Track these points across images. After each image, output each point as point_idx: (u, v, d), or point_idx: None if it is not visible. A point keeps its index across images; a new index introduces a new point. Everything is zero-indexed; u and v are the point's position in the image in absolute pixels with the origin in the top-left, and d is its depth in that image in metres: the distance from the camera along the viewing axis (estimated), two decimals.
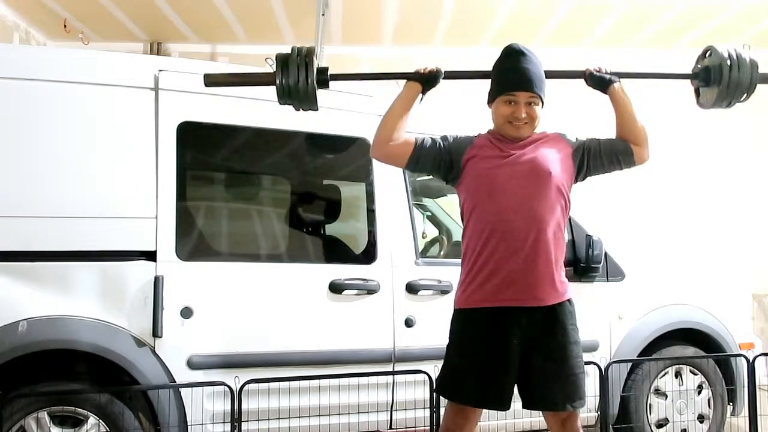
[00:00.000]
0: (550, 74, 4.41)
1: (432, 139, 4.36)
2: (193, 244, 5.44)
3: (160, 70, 5.28)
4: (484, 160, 4.24)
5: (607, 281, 6.35)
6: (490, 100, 4.39)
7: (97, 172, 5.03)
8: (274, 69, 4.42)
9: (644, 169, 4.54)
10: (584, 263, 6.11)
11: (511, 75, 4.29)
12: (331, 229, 6.46)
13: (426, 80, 4.38)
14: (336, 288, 5.49)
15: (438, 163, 4.35)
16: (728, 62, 4.53)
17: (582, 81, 4.56)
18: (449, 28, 10.83)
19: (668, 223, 10.93)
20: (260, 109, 5.48)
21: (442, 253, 7.35)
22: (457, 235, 7.10)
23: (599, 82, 4.48)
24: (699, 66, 4.75)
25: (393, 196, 5.83)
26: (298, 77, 4.34)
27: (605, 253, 6.23)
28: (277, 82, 4.40)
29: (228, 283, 5.29)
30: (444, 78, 4.44)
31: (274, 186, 6.54)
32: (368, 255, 5.74)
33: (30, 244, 4.81)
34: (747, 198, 11.37)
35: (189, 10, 10.26)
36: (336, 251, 6.22)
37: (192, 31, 11.14)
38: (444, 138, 4.38)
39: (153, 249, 5.06)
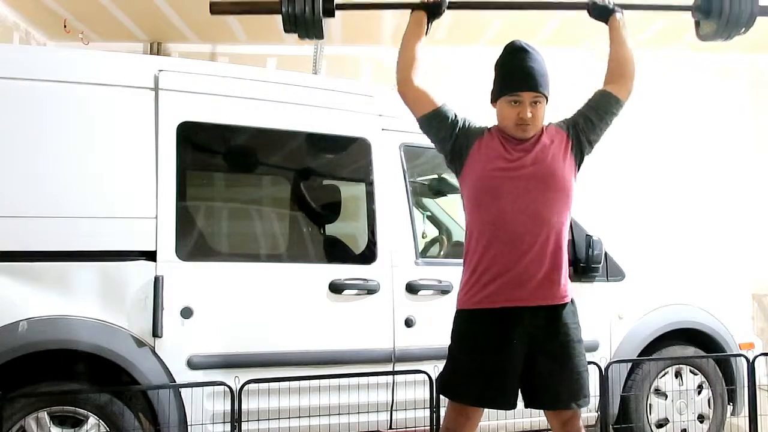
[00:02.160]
0: (552, 5, 4.46)
1: (456, 114, 4.35)
2: (193, 244, 5.44)
3: (160, 70, 5.28)
4: (489, 159, 4.23)
5: (607, 281, 6.35)
6: (494, 100, 4.36)
7: (97, 172, 5.03)
8: None
9: (644, 169, 4.54)
10: (584, 263, 6.10)
11: (515, 75, 4.25)
12: (331, 229, 6.45)
13: (431, 7, 4.47)
14: (336, 288, 5.49)
15: (449, 137, 4.33)
16: None
17: (582, 80, 4.57)
18: (449, 28, 10.82)
19: (668, 223, 10.92)
20: (260, 109, 5.48)
21: (442, 253, 7.34)
22: (457, 235, 7.11)
23: (602, 11, 4.57)
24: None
25: (393, 196, 5.82)
26: (304, 5, 4.39)
27: (605, 253, 6.23)
28: (283, 10, 4.45)
29: (228, 283, 5.28)
30: (448, 8, 4.53)
31: (274, 186, 6.55)
32: (368, 255, 5.74)
33: (30, 244, 4.81)
34: (747, 198, 11.37)
35: (189, 10, 10.24)
36: (336, 251, 6.22)
37: (192, 31, 11.12)
38: (464, 120, 4.37)
39: (153, 249, 5.06)
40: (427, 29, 4.48)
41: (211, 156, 5.83)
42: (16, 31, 10.44)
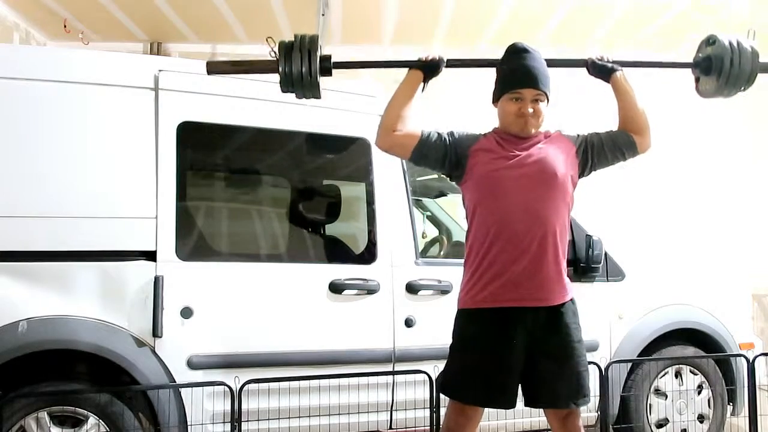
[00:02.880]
0: (552, 63, 4.42)
1: (438, 133, 4.34)
2: (193, 244, 5.44)
3: (160, 70, 5.28)
4: (489, 160, 4.24)
5: (607, 281, 6.35)
6: (495, 99, 4.40)
7: (97, 172, 5.03)
8: (276, 55, 4.39)
9: (644, 168, 4.54)
10: (584, 263, 6.11)
11: (516, 73, 4.30)
12: (331, 229, 6.45)
13: (428, 68, 4.42)
14: (336, 288, 5.49)
15: (443, 159, 4.33)
16: (729, 52, 4.52)
17: (584, 76, 4.57)
18: (449, 29, 10.84)
19: (668, 223, 10.93)
20: (260, 109, 5.48)
21: (442, 253, 7.34)
22: (457, 235, 7.11)
23: (601, 70, 4.51)
24: (700, 55, 4.74)
25: (393, 196, 5.82)
26: (301, 65, 4.32)
27: (605, 253, 6.23)
28: (280, 69, 4.37)
29: (228, 283, 5.29)
30: (446, 66, 4.48)
31: (274, 186, 6.54)
32: (368, 255, 5.74)
33: (30, 244, 4.81)
34: (747, 198, 11.37)
35: (189, 10, 10.26)
36: (336, 251, 6.22)
37: (192, 31, 11.14)
38: (450, 134, 4.36)
39: (153, 249, 5.06)
40: (424, 87, 4.46)
41: (211, 156, 5.83)
42: (16, 31, 10.45)
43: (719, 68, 4.56)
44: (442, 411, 5.13)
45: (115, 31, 11.03)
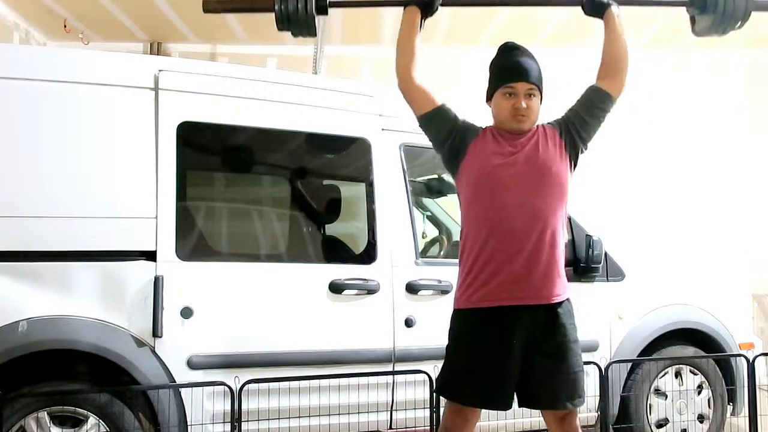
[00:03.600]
0: (547, 2, 4.47)
1: (455, 113, 4.38)
2: (193, 244, 5.44)
3: (160, 70, 5.28)
4: (484, 156, 4.25)
5: (607, 281, 6.35)
6: (489, 97, 4.42)
7: (97, 172, 5.03)
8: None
9: (645, 168, 4.53)
10: (584, 263, 6.10)
11: (509, 68, 4.32)
12: (331, 229, 6.46)
13: (423, 5, 4.43)
14: (336, 288, 5.49)
15: (446, 136, 4.36)
16: None
17: (581, 80, 4.57)
18: (449, 28, 10.82)
19: (668, 222, 10.93)
20: (260, 110, 5.48)
21: (442, 253, 7.35)
22: (457, 235, 7.11)
23: (597, 6, 4.52)
24: None
25: (393, 196, 5.82)
26: (297, 3, 4.35)
27: (605, 253, 6.23)
28: (276, 7, 4.40)
29: (228, 283, 5.29)
30: (442, 5, 4.50)
31: (274, 186, 6.55)
32: (368, 255, 5.74)
33: (30, 244, 4.82)
34: (747, 198, 11.38)
35: (189, 10, 10.25)
36: (336, 251, 6.23)
37: (192, 31, 11.13)
38: (463, 120, 4.40)
39: (153, 249, 5.06)
40: (421, 26, 4.47)
41: (211, 156, 5.83)
42: (16, 31, 10.45)
43: (714, 4, 4.59)
44: (442, 411, 5.15)
45: (115, 31, 11.03)
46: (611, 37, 4.46)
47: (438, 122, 4.35)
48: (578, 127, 4.36)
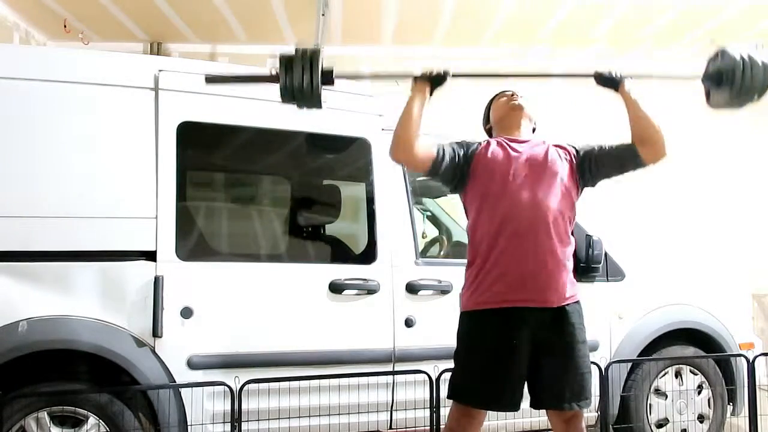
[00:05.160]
0: (560, 75, 4.46)
1: (452, 148, 4.41)
2: (193, 244, 5.45)
3: (160, 70, 5.28)
4: (493, 161, 4.32)
5: (607, 281, 6.35)
6: (486, 120, 4.74)
7: (97, 172, 5.03)
8: (277, 71, 4.32)
9: (644, 169, 4.52)
10: (584, 263, 6.10)
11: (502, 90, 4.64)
12: (331, 229, 6.46)
13: (434, 80, 4.36)
14: (336, 288, 5.49)
15: (455, 173, 4.40)
16: (741, 64, 4.40)
17: (580, 80, 4.61)
18: (449, 28, 10.82)
19: (668, 222, 10.93)
20: (260, 109, 5.48)
21: (442, 253, 7.34)
22: (457, 235, 7.11)
23: (609, 81, 4.43)
24: (710, 67, 4.60)
25: (393, 196, 5.82)
26: (302, 78, 4.26)
27: (605, 253, 6.23)
28: (281, 81, 4.30)
29: (228, 283, 5.29)
30: (452, 77, 4.42)
31: (274, 186, 6.55)
32: (368, 255, 5.74)
33: (30, 244, 4.82)
34: (747, 198, 11.37)
35: (189, 10, 10.25)
36: (336, 251, 6.24)
37: (192, 31, 11.13)
38: (460, 145, 4.44)
39: (153, 249, 5.06)
40: (429, 99, 4.43)
41: (211, 156, 5.83)
42: (16, 31, 10.44)
43: (731, 80, 4.43)
44: (443, 411, 5.15)
45: (115, 31, 11.02)
46: (631, 113, 4.39)
47: (444, 169, 4.39)
48: (594, 167, 4.43)
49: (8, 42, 10.01)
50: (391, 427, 5.69)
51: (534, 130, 4.60)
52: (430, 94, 4.39)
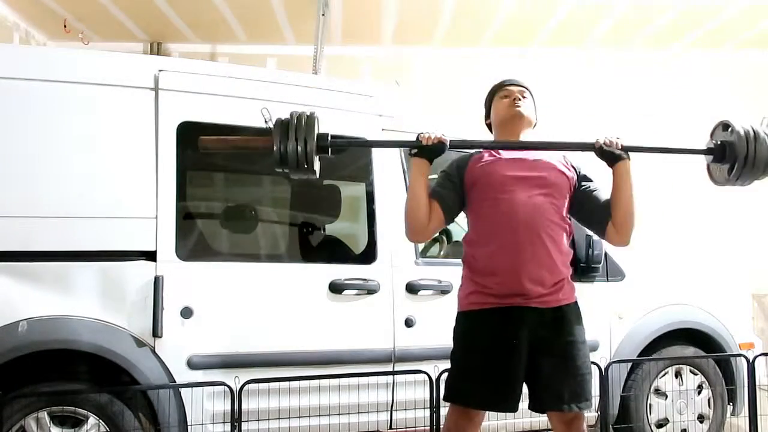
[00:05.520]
0: (559, 146, 4.40)
1: (448, 190, 4.39)
2: (193, 244, 5.46)
3: (160, 70, 5.27)
4: (487, 166, 4.33)
5: (607, 281, 6.35)
6: (488, 114, 4.67)
7: (97, 172, 5.03)
8: (269, 122, 4.22)
9: (643, 168, 4.51)
10: (584, 263, 6.09)
11: (503, 80, 4.62)
12: (331, 229, 6.46)
13: (431, 151, 4.31)
14: (336, 288, 5.49)
15: (460, 206, 4.42)
16: (745, 140, 4.35)
17: (579, 80, 4.62)
18: (449, 29, 10.83)
19: (668, 222, 10.93)
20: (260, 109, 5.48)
21: (442, 253, 7.34)
22: (457, 235, 7.11)
23: (609, 156, 4.36)
24: (714, 141, 4.56)
25: (393, 196, 5.81)
26: (296, 145, 4.14)
27: (605, 253, 6.23)
28: (275, 148, 4.18)
29: (228, 283, 5.29)
30: (450, 148, 4.34)
31: (274, 186, 6.54)
32: (368, 255, 5.74)
33: (30, 244, 4.82)
34: (747, 198, 11.37)
35: (189, 10, 10.27)
36: (336, 251, 6.24)
37: (192, 31, 11.14)
38: (448, 175, 4.44)
39: (153, 249, 5.06)
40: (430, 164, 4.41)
41: (211, 156, 5.82)
42: (16, 31, 10.46)
43: (733, 155, 4.39)
44: (443, 411, 5.14)
45: (115, 31, 11.04)
46: (618, 189, 4.36)
47: (454, 214, 4.45)
48: (576, 197, 4.42)
49: (8, 42, 10.03)
50: (391, 427, 5.69)
51: (534, 125, 4.58)
52: (430, 163, 4.34)
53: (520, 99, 4.46)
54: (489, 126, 4.72)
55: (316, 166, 4.30)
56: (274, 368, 5.25)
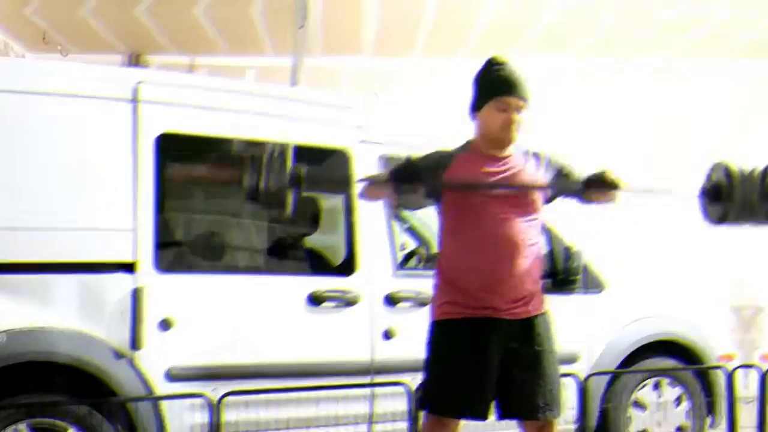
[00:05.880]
0: (544, 188, 4.41)
1: (427, 165, 4.43)
2: (173, 255, 5.43)
3: (139, 82, 5.26)
4: (468, 173, 4.30)
5: (587, 293, 6.36)
6: (478, 108, 4.40)
7: (76, 183, 5.01)
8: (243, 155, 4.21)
9: (626, 179, 4.52)
10: (563, 275, 6.11)
11: (504, 81, 4.33)
12: (310, 240, 6.44)
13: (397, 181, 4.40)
14: (315, 300, 5.48)
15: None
16: (737, 181, 4.46)
17: (565, 86, 4.61)
18: (429, 38, 10.85)
19: (648, 234, 10.96)
20: (240, 121, 5.47)
21: (421, 264, 7.34)
22: (437, 246, 7.11)
23: (602, 184, 4.49)
24: (707, 183, 4.66)
25: (372, 207, 5.80)
26: (269, 179, 4.12)
27: (584, 265, 6.24)
28: (248, 180, 4.16)
29: (207, 294, 5.28)
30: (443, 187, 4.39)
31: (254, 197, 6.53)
32: (347, 267, 5.74)
33: (8, 256, 4.78)
34: None
35: (169, 22, 10.26)
36: (315, 263, 6.22)
37: (172, 42, 11.13)
38: (429, 160, 4.46)
39: (132, 260, 5.04)
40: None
41: (190, 167, 5.82)
42: None
43: (728, 196, 4.54)
44: (421, 423, 5.14)
45: (94, 42, 11.03)
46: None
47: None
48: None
49: None
50: None
51: None
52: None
53: (516, 122, 4.28)
54: (473, 108, 4.54)
55: (290, 201, 4.23)
56: (254, 380, 5.22)
